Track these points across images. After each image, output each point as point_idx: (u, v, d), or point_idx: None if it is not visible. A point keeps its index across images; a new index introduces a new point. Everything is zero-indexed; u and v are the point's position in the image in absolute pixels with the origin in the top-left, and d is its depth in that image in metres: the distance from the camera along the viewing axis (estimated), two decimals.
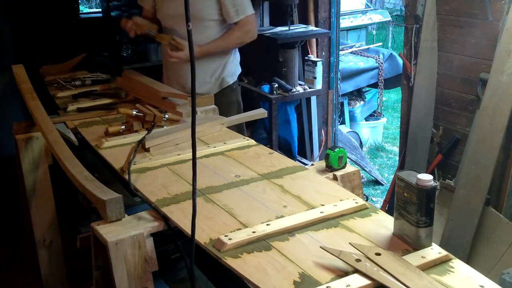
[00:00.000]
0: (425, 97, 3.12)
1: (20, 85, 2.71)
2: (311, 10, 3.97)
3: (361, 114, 5.56)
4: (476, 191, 2.65)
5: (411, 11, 3.13)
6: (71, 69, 3.30)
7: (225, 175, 1.91)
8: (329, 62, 4.06)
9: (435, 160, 3.11)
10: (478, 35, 2.78)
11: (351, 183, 2.04)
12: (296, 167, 1.97)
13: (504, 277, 2.09)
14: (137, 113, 2.36)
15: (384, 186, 4.60)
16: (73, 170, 1.82)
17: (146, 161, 2.03)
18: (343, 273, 1.31)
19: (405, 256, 1.36)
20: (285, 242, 1.46)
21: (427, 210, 1.37)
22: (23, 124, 2.52)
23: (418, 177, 1.37)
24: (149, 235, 1.60)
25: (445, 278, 1.28)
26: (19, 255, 3.20)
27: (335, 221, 1.57)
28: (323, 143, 4.18)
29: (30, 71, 2.93)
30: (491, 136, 2.60)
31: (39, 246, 2.53)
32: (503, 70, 2.55)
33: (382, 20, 8.26)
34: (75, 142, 2.36)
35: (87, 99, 2.82)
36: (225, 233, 1.48)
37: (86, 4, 10.90)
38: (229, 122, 2.50)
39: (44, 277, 2.59)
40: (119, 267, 1.53)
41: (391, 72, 5.55)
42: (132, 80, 2.80)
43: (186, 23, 1.30)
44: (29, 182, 2.45)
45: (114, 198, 1.60)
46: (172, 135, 2.22)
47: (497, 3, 2.64)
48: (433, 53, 3.04)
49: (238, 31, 2.81)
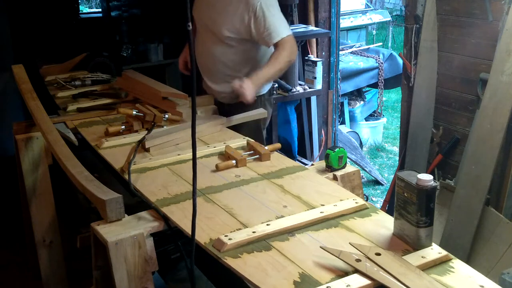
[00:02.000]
0: (425, 97, 3.12)
1: (20, 85, 2.71)
2: (311, 10, 3.97)
3: (361, 114, 5.56)
4: (476, 191, 2.65)
5: (411, 11, 3.13)
6: (71, 69, 3.30)
7: (225, 175, 1.91)
8: (329, 62, 4.06)
9: (435, 160, 3.11)
10: (478, 35, 2.78)
11: (351, 183, 2.04)
12: (296, 167, 1.97)
13: (504, 277, 2.09)
14: (137, 113, 2.36)
15: (384, 186, 4.60)
16: (73, 170, 1.82)
17: (146, 161, 2.03)
18: (343, 273, 1.31)
19: (405, 256, 1.36)
20: (285, 242, 1.46)
21: (427, 210, 1.37)
22: (23, 124, 2.52)
23: (418, 177, 1.37)
24: (149, 235, 1.60)
25: (445, 278, 1.28)
26: (19, 255, 3.20)
27: (335, 221, 1.57)
28: (323, 143, 4.18)
29: (30, 71, 2.93)
30: (491, 136, 2.60)
31: (39, 246, 2.54)
32: (503, 70, 2.54)
33: (382, 20, 8.25)
34: (75, 142, 2.36)
35: (87, 99, 2.82)
36: (225, 233, 1.48)
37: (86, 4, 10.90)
38: (229, 122, 2.50)
39: (44, 277, 2.59)
40: (119, 267, 1.53)
41: (391, 72, 5.55)
42: (132, 80, 2.80)
43: (186, 23, 1.30)
44: (29, 182, 2.45)
45: (114, 198, 1.60)
46: (172, 135, 2.22)
47: (497, 3, 2.64)
48: (433, 53, 3.04)
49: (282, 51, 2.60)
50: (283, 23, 2.68)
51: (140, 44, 5.09)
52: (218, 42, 2.72)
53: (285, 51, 2.61)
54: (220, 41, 2.71)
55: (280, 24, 2.64)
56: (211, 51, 2.77)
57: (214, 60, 2.77)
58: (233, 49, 2.72)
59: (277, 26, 2.61)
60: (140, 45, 5.09)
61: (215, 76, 2.82)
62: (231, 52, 2.73)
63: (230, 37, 2.68)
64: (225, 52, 2.74)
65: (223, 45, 2.71)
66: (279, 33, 2.60)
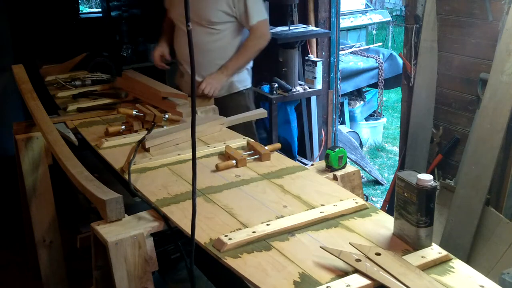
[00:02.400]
0: (425, 97, 3.12)
1: (20, 85, 2.71)
2: (311, 10, 3.97)
3: (361, 114, 5.55)
4: (476, 191, 2.65)
5: (411, 11, 3.13)
6: (71, 69, 3.30)
7: (225, 175, 1.91)
8: (329, 62, 4.06)
9: (435, 160, 3.11)
10: (478, 35, 2.78)
11: (351, 183, 2.04)
12: (296, 167, 1.97)
13: (504, 277, 2.09)
14: (137, 113, 2.36)
15: (384, 186, 4.60)
16: (73, 170, 1.82)
17: (146, 161, 2.03)
18: (343, 273, 1.31)
19: (405, 256, 1.36)
20: (285, 242, 1.46)
21: (427, 210, 1.37)
22: (23, 124, 2.52)
23: (418, 177, 1.37)
24: (149, 235, 1.60)
25: (445, 278, 1.28)
26: (19, 255, 3.20)
27: (335, 221, 1.57)
28: (323, 143, 4.18)
29: (30, 71, 2.93)
30: (491, 136, 2.60)
31: (39, 246, 2.54)
32: (503, 70, 2.54)
33: (382, 20, 8.25)
34: (75, 142, 2.36)
35: (87, 99, 2.82)
36: (225, 233, 1.48)
37: (86, 4, 10.89)
38: (229, 122, 2.50)
39: (44, 277, 2.59)
40: (119, 267, 1.53)
41: (391, 72, 5.55)
42: (132, 80, 2.80)
43: (186, 23, 1.30)
44: (29, 182, 2.45)
45: (114, 198, 1.60)
46: (172, 135, 2.22)
47: (497, 3, 2.64)
48: (433, 53, 3.04)
49: (253, 39, 2.85)
50: (260, 5, 2.84)
51: (140, 44, 5.08)
52: (202, 30, 2.79)
53: (255, 39, 2.85)
54: (204, 29, 2.79)
55: (256, 7, 2.80)
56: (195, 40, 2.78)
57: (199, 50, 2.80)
58: (219, 34, 2.81)
59: (253, 9, 2.78)
60: (140, 45, 5.08)
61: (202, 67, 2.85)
62: (216, 38, 2.82)
63: (216, 22, 2.78)
64: (211, 40, 2.81)
65: (207, 33, 2.79)
66: (254, 16, 2.77)
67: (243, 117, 2.62)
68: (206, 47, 2.82)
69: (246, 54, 2.89)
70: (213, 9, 2.76)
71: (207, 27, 2.79)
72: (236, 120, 2.56)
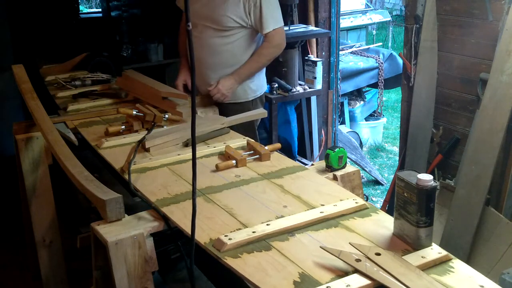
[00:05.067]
0: (425, 97, 3.12)
1: (20, 85, 2.71)
2: (311, 10, 3.97)
3: (361, 114, 5.56)
4: (476, 191, 2.65)
5: (411, 11, 3.13)
6: (71, 69, 3.30)
7: (225, 175, 1.91)
8: (329, 62, 4.06)
9: (435, 160, 3.11)
10: (478, 35, 2.78)
11: (351, 183, 2.04)
12: (296, 167, 1.97)
13: (504, 277, 2.09)
14: (137, 113, 2.36)
15: (384, 186, 4.60)
16: (73, 170, 1.82)
17: (146, 161, 2.03)
18: (343, 273, 1.31)
19: (405, 256, 1.36)
20: (285, 242, 1.46)
21: (427, 210, 1.37)
22: (23, 124, 2.52)
23: (418, 177, 1.37)
24: (149, 235, 1.60)
25: (445, 278, 1.28)
26: (19, 255, 3.20)
27: (335, 221, 1.57)
28: (323, 143, 4.18)
29: (30, 71, 2.93)
30: (491, 136, 2.60)
31: (39, 246, 2.53)
32: (503, 70, 2.54)
33: (382, 20, 8.26)
34: (75, 142, 2.36)
35: (87, 99, 2.82)
36: (225, 233, 1.48)
37: (86, 4, 10.89)
38: (229, 122, 2.49)
39: (44, 277, 2.59)
40: (119, 267, 1.53)
41: (391, 72, 5.55)
42: (132, 80, 2.80)
43: (186, 23, 1.30)
44: (29, 182, 2.45)
45: (114, 198, 1.60)
46: (172, 135, 2.22)
47: (497, 3, 2.64)
48: (433, 53, 3.04)
49: (267, 47, 2.82)
50: (277, 13, 2.79)
51: (140, 44, 5.08)
52: (215, 33, 2.78)
53: (271, 47, 2.81)
54: (216, 32, 2.77)
55: (273, 15, 2.76)
56: (209, 43, 2.79)
57: (211, 51, 2.80)
58: (232, 37, 2.79)
59: (270, 16, 2.74)
60: (140, 45, 5.08)
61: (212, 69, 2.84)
62: (228, 41, 2.80)
63: (229, 27, 2.75)
64: (223, 43, 2.79)
65: (219, 36, 2.77)
66: (270, 24, 2.74)
67: (243, 117, 2.62)
68: (217, 49, 2.81)
69: (259, 61, 2.86)
70: (225, 16, 2.73)
71: (219, 30, 2.77)
72: (236, 120, 2.56)
